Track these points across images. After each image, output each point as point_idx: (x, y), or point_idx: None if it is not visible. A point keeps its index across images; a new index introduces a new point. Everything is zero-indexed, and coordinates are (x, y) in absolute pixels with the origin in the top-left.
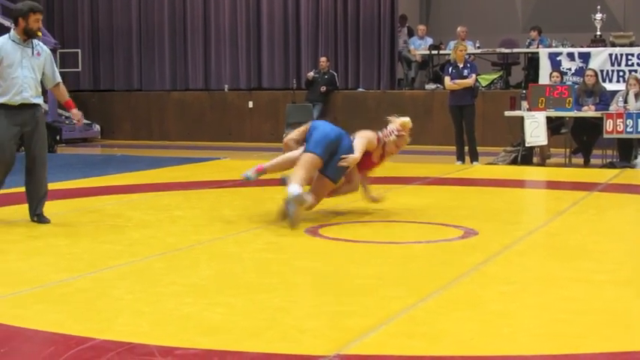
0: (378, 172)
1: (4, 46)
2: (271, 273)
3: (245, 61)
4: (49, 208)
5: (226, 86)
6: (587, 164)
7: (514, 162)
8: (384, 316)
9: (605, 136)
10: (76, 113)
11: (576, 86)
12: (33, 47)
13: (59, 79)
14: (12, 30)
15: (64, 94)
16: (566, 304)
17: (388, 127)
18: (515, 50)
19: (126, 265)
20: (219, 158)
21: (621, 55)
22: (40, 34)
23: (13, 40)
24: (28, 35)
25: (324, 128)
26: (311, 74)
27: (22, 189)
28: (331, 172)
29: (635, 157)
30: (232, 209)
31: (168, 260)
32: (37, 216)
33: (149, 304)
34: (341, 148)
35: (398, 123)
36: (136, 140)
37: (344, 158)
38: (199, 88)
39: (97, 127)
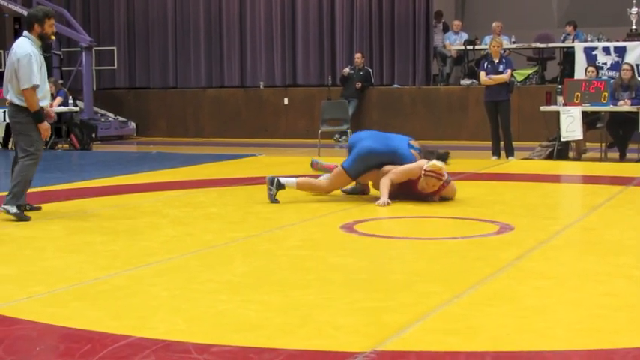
0: None
1: (38, 53)
2: (305, 269)
3: (280, 57)
4: (87, 205)
5: (262, 83)
6: (622, 159)
7: (550, 157)
8: (420, 312)
9: None
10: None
11: (612, 81)
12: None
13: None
14: (28, 34)
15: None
16: (604, 300)
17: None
18: (550, 45)
19: (162, 263)
20: (254, 155)
21: None
22: (53, 38)
23: (35, 46)
24: (42, 40)
25: (369, 144)
26: (346, 70)
27: (54, 187)
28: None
29: None
30: (267, 206)
31: (203, 257)
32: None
33: (185, 302)
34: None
35: (430, 164)
36: (171, 137)
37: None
38: (235, 85)
39: (133, 125)
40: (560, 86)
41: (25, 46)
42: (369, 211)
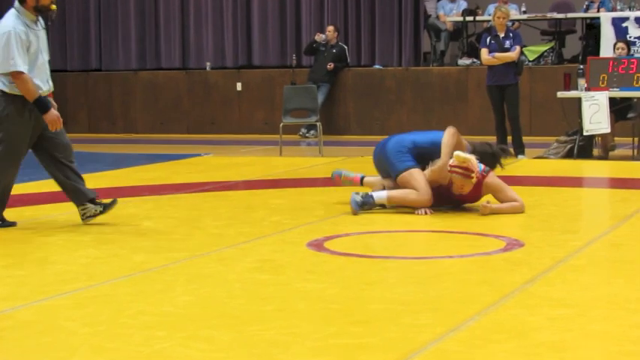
0: None
1: (26, 29)
2: (265, 298)
3: (232, 32)
4: None
5: (208, 64)
6: None
7: (569, 155)
8: (407, 350)
9: None
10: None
11: None
12: (40, 24)
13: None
14: (18, 6)
15: None
16: (637, 333)
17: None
18: (570, 15)
19: (82, 291)
20: (199, 154)
21: None
22: (54, 7)
23: (25, 21)
24: (39, 12)
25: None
26: (321, 36)
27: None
28: None
29: None
30: (216, 219)
31: (135, 284)
32: None
33: (111, 340)
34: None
35: (454, 157)
36: (94, 133)
37: None
38: (174, 67)
39: None
40: (582, 67)
41: (8, 23)
42: (343, 224)
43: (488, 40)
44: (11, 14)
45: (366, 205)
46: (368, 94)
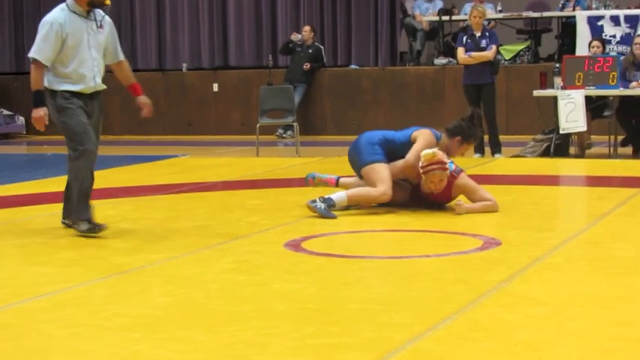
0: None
1: (67, 21)
2: (242, 299)
3: (207, 33)
4: None
5: (184, 65)
6: (636, 154)
7: (546, 153)
8: (384, 350)
9: None
10: (144, 102)
11: (622, 58)
12: (96, 19)
13: (122, 56)
14: (67, 2)
15: (128, 74)
16: (615, 330)
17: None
18: (545, 14)
19: (59, 293)
20: (176, 156)
21: None
22: (108, 2)
23: (74, 12)
24: (92, 5)
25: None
26: (297, 36)
27: None
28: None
29: None
30: (193, 220)
31: (111, 286)
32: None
33: (88, 342)
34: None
35: (421, 160)
36: None
37: None
38: (150, 69)
39: (22, 120)
40: (558, 65)
41: (50, 13)
42: (319, 224)
43: (464, 39)
44: (58, 7)
45: (331, 207)
46: (344, 94)
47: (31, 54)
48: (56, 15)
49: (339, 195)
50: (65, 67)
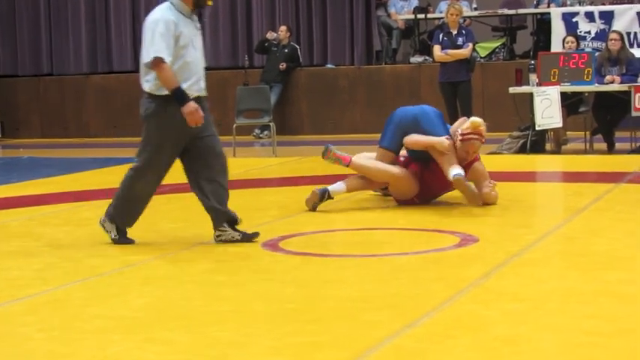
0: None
1: (178, 20)
2: (221, 299)
3: None
4: None
5: None
6: (611, 150)
7: (522, 150)
8: (363, 348)
9: (634, 113)
10: None
11: (597, 54)
12: (196, 21)
13: None
14: (172, 1)
15: None
16: (592, 325)
17: (457, 129)
18: (521, 11)
19: (36, 296)
20: None
21: None
22: (210, 2)
23: (180, 12)
24: (196, 5)
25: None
26: (273, 34)
27: None
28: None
29: None
30: (171, 221)
31: (89, 288)
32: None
33: (66, 345)
34: None
35: (467, 124)
36: (46, 138)
37: None
38: (126, 71)
39: None
40: (533, 62)
41: (156, 12)
42: (297, 223)
43: (440, 37)
44: (162, 6)
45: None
46: (321, 94)
47: (154, 53)
48: (165, 13)
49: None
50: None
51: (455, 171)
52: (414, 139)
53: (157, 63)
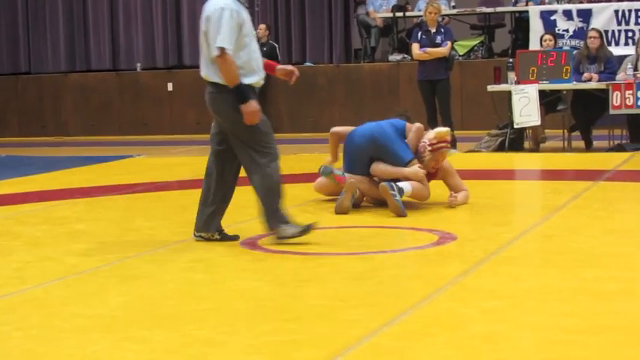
0: None
1: (239, 8)
2: (199, 298)
3: (162, 32)
4: None
5: (139, 65)
6: (589, 148)
7: (500, 148)
8: (341, 346)
9: (612, 111)
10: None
11: (575, 52)
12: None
13: None
14: None
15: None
16: (570, 322)
17: (421, 142)
18: (499, 9)
19: (14, 295)
20: (131, 156)
21: (630, 11)
22: None
23: (239, 0)
24: None
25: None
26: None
27: None
28: None
29: None
30: (149, 219)
31: (67, 287)
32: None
33: (45, 344)
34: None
35: (432, 134)
36: (24, 137)
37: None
38: (104, 69)
39: None
40: (511, 60)
41: (217, 1)
42: None
43: (419, 35)
44: None
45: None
46: (299, 92)
47: (219, 43)
48: (227, 1)
49: (405, 186)
50: (238, 59)
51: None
52: (382, 169)
53: (220, 55)
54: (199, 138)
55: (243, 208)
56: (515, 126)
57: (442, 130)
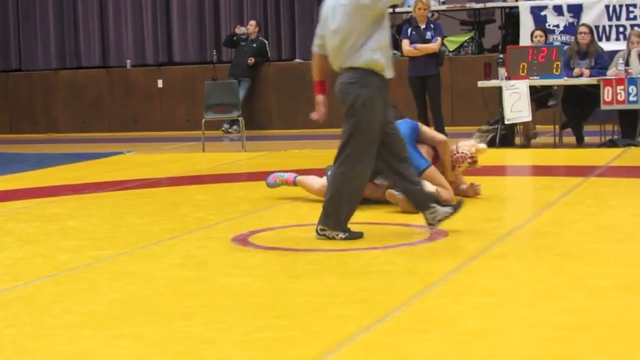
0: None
1: None
2: (190, 294)
3: (151, 28)
4: None
5: (128, 62)
6: (580, 143)
7: (491, 144)
8: (333, 342)
9: (603, 107)
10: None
11: (566, 47)
12: None
13: None
14: None
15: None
16: (562, 318)
17: (460, 151)
18: (489, 5)
19: (6, 292)
20: (122, 152)
21: (620, 6)
22: None
23: None
24: None
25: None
26: (241, 29)
27: None
28: None
29: None
30: (140, 216)
31: (59, 283)
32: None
33: (36, 340)
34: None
35: (474, 149)
36: (15, 134)
37: None
38: (94, 66)
39: None
40: (501, 56)
41: None
42: (266, 218)
43: (409, 31)
44: None
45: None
46: (289, 89)
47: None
48: None
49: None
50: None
51: None
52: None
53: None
54: (189, 134)
55: (232, 205)
56: (506, 122)
57: (483, 147)
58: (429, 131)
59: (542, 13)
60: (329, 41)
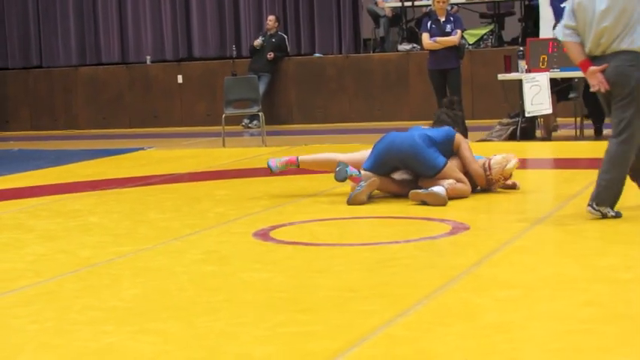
0: None
1: None
2: (212, 289)
3: (171, 24)
4: None
5: (148, 58)
6: (599, 135)
7: (512, 137)
8: (355, 337)
9: None
10: None
11: None
12: None
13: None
14: None
15: None
16: (585, 311)
17: (493, 173)
18: None
19: (28, 288)
20: (142, 148)
21: None
22: None
23: None
24: None
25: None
26: (258, 42)
27: None
28: None
29: None
30: (161, 212)
31: (82, 279)
32: None
33: (59, 336)
34: None
35: (507, 170)
36: (36, 130)
37: None
38: (114, 62)
39: None
40: (522, 48)
41: None
42: (287, 213)
43: (429, 24)
44: None
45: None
46: (309, 83)
47: None
48: None
49: (439, 189)
50: None
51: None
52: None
53: None
54: (210, 130)
55: (253, 200)
56: (527, 115)
57: (509, 166)
58: (467, 155)
59: (562, 5)
60: (596, 24)
